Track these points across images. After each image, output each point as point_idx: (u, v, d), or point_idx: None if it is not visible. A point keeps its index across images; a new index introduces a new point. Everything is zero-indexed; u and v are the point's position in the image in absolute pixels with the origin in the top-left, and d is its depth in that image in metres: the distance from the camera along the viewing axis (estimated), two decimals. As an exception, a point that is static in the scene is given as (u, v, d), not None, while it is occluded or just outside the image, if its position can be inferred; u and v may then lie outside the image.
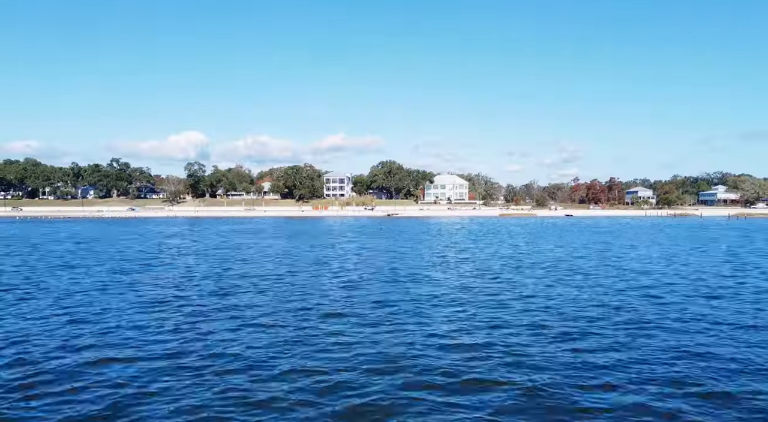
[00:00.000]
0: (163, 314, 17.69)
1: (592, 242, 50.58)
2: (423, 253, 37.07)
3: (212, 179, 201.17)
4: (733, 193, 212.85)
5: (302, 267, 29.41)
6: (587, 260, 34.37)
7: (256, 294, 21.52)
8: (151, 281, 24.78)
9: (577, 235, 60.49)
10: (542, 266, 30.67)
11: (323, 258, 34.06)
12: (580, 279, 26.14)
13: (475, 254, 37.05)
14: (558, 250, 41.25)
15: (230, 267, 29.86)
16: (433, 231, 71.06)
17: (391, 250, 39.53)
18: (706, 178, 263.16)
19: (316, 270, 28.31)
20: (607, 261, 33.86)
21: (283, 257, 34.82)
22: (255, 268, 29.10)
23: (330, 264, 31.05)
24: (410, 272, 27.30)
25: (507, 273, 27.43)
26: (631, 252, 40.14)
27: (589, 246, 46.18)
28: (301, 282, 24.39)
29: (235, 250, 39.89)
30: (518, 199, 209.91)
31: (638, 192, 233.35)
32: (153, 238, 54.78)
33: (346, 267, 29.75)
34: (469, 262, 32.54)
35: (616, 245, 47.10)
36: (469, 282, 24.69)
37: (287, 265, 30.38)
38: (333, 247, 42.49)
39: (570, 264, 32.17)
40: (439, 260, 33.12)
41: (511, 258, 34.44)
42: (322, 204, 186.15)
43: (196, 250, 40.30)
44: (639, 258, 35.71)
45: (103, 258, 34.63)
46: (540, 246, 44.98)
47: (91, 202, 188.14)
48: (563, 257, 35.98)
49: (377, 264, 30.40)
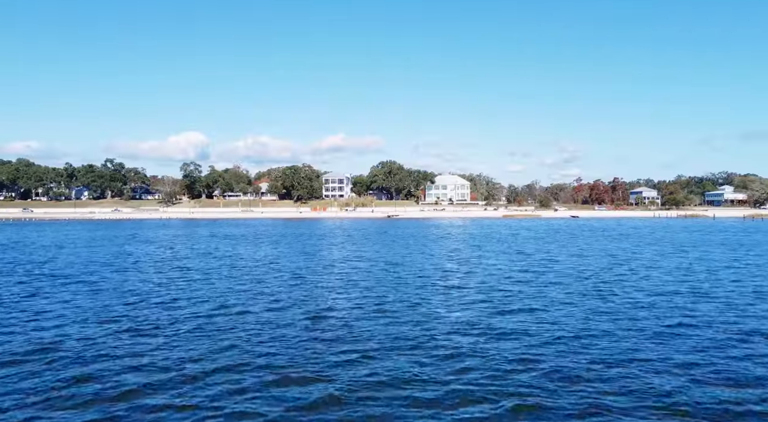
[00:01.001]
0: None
1: (618, 250, 42.36)
2: (420, 267, 30.59)
3: (209, 180, 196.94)
4: (741, 194, 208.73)
5: (269, 289, 22.87)
6: (648, 280, 24.97)
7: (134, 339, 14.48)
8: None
9: (595, 240, 56.04)
10: (589, 294, 21.29)
11: (299, 272, 28.40)
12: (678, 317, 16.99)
13: (485, 269, 29.95)
14: (590, 263, 32.52)
15: (168, 291, 22.39)
16: (433, 234, 66.72)
17: (383, 260, 34.69)
18: (711, 178, 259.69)
19: (283, 294, 21.59)
20: (674, 286, 23.58)
21: (253, 270, 29.21)
22: (198, 289, 22.64)
23: (304, 282, 24.88)
24: (400, 299, 20.20)
25: (549, 306, 18.74)
26: (682, 264, 31.91)
27: (621, 256, 37.15)
28: (249, 325, 16.20)
29: (202, 260, 34.61)
30: (521, 200, 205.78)
31: (642, 192, 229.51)
32: (120, 244, 49.54)
33: (322, 285, 24.17)
34: (477, 278, 26.56)
35: (647, 253, 40.28)
36: (486, 320, 16.50)
37: (251, 283, 24.41)
38: (316, 257, 37.07)
39: (631, 285, 23.48)
40: (439, 279, 25.95)
41: (534, 282, 24.81)
42: (321, 205, 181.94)
43: (152, 260, 34.83)
44: (703, 274, 27.34)
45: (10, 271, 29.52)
46: (560, 257, 37.56)
47: (85, 203, 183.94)
48: (606, 278, 26.18)
49: (361, 284, 24.14)
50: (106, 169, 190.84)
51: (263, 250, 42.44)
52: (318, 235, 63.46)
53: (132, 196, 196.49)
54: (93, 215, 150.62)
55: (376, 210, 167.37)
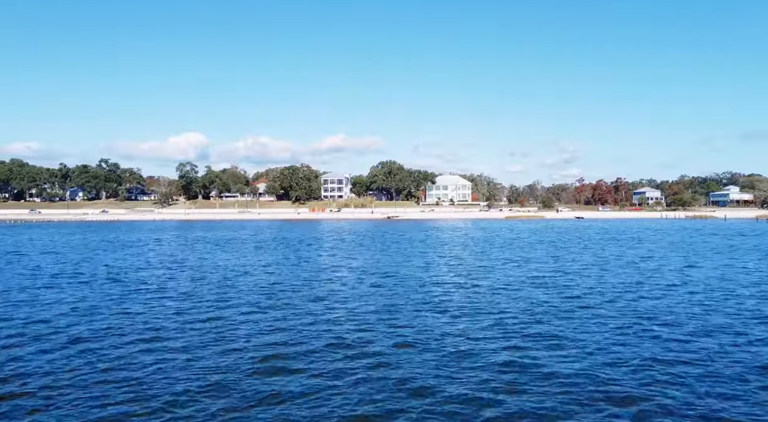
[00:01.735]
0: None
1: (640, 258, 36.70)
2: (417, 281, 26.27)
3: (205, 180, 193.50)
4: (747, 194, 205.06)
5: (221, 314, 18.06)
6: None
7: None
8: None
9: (609, 245, 52.50)
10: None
11: (270, 288, 23.74)
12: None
13: (493, 284, 25.53)
14: (617, 277, 27.67)
15: (87, 318, 17.55)
16: (433, 238, 63.25)
17: (375, 270, 30.92)
18: (715, 178, 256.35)
19: (237, 324, 16.76)
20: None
21: (216, 286, 24.51)
22: (127, 315, 18.11)
23: (271, 303, 20.18)
24: (388, 331, 15.96)
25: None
26: (733, 280, 26.22)
27: (647, 266, 31.89)
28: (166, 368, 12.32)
29: (165, 271, 30.32)
30: (523, 200, 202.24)
31: (646, 192, 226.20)
32: (91, 249, 45.33)
33: (293, 309, 19.16)
34: (485, 297, 22.17)
35: (674, 260, 35.17)
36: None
37: (202, 307, 19.35)
38: (299, 266, 32.52)
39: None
40: (439, 300, 20.86)
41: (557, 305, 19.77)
42: (319, 205, 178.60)
43: (107, 271, 30.45)
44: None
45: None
46: (576, 267, 32.71)
47: (79, 204, 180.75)
48: (643, 296, 21.41)
49: (342, 307, 19.50)
50: (100, 169, 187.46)
51: (242, 258, 38.65)
52: (310, 239, 59.96)
53: (127, 196, 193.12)
54: (86, 216, 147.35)
55: (376, 211, 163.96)
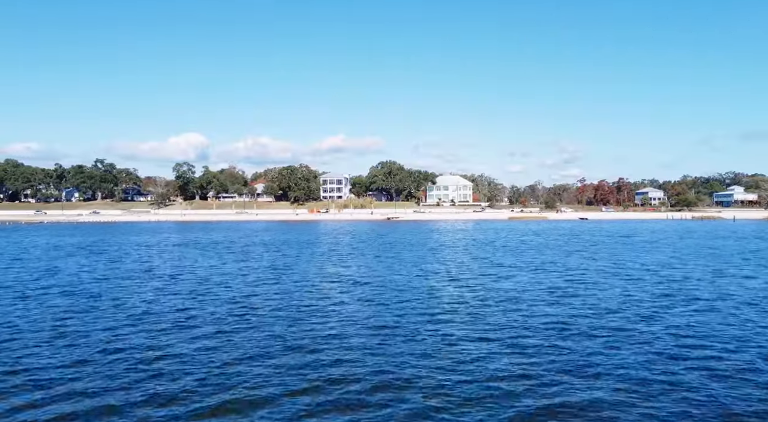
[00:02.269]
0: None
1: (661, 267, 32.16)
2: (414, 295, 22.80)
3: (202, 181, 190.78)
4: (752, 194, 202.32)
5: (173, 336, 15.39)
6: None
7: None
8: None
9: (622, 250, 49.76)
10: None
11: (239, 309, 19.74)
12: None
13: (501, 297, 22.16)
14: (642, 290, 23.76)
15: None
16: (433, 241, 60.51)
17: (367, 281, 27.63)
18: (718, 178, 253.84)
19: (189, 351, 13.76)
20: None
21: (182, 300, 21.26)
22: (63, 341, 14.89)
23: (237, 324, 17.27)
24: (376, 366, 12.76)
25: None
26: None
27: (673, 276, 27.73)
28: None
29: (132, 281, 26.94)
30: (525, 201, 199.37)
31: (648, 193, 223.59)
32: (63, 256, 41.72)
33: (260, 334, 17.75)
34: (493, 316, 18.22)
35: (699, 269, 30.65)
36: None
37: (155, 329, 16.39)
38: (281, 278, 28.23)
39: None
40: (441, 319, 17.69)
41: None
42: (318, 206, 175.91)
43: (65, 281, 27.06)
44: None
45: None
46: (593, 276, 28.93)
47: (74, 205, 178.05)
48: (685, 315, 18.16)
49: (321, 333, 15.91)
50: (96, 169, 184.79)
51: (223, 265, 35.43)
52: (303, 242, 57.13)
53: (124, 197, 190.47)
54: (79, 217, 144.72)
55: (376, 211, 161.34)
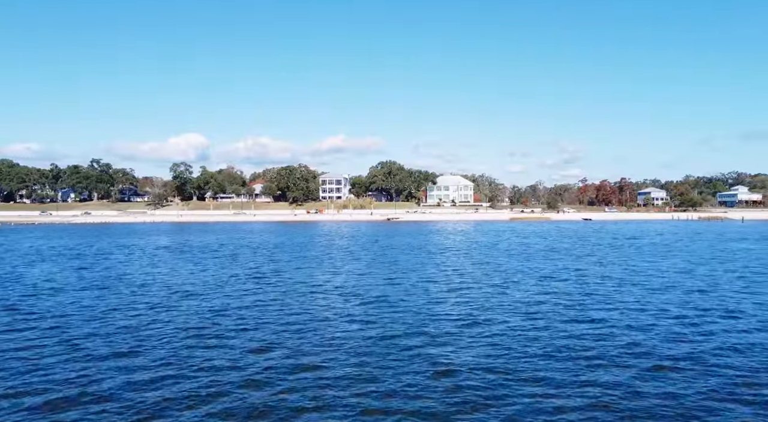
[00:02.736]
0: None
1: (689, 278, 28.93)
2: (409, 309, 20.48)
3: (200, 181, 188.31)
4: (756, 194, 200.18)
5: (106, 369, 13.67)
6: None
7: None
8: None
9: (634, 255, 47.41)
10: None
11: (207, 319, 18.29)
12: None
13: (509, 312, 19.70)
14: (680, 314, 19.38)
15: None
16: (433, 243, 58.15)
17: (357, 294, 25.31)
18: (721, 178, 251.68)
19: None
20: None
21: (146, 315, 19.26)
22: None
23: (207, 335, 15.93)
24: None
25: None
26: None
27: (709, 293, 24.24)
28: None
29: (98, 289, 24.45)
30: (526, 201, 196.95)
31: (651, 193, 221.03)
32: (27, 262, 38.58)
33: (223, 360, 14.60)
34: (501, 336, 16.01)
35: (726, 279, 28.55)
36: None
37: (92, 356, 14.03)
38: (259, 291, 25.00)
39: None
40: (439, 341, 15.73)
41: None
42: (317, 207, 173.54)
43: (18, 292, 24.50)
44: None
45: None
46: (613, 287, 25.72)
47: (70, 205, 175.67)
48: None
49: (272, 377, 12.72)
50: (92, 169, 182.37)
51: (203, 272, 32.86)
52: (297, 246, 54.68)
53: (120, 198, 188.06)
54: (74, 219, 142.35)
55: (375, 212, 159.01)
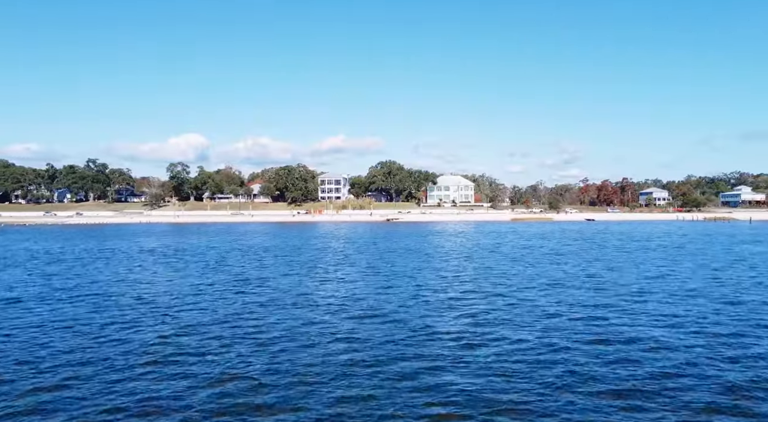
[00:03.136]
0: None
1: (713, 282, 27.20)
2: (404, 326, 18.03)
3: (197, 181, 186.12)
4: (760, 194, 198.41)
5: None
6: None
7: None
8: None
9: (647, 258, 45.34)
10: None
11: (168, 341, 16.06)
12: None
13: (519, 327, 17.67)
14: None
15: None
16: (433, 246, 56.01)
17: (344, 310, 23.49)
18: (723, 178, 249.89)
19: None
20: None
21: (98, 335, 16.89)
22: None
23: (162, 360, 14.00)
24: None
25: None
26: None
27: (745, 298, 22.68)
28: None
29: (56, 300, 22.43)
30: (528, 201, 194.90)
31: (653, 193, 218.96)
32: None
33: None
34: (508, 362, 13.95)
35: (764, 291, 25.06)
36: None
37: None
38: (245, 294, 23.99)
39: None
40: (436, 365, 13.76)
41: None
42: (316, 207, 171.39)
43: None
44: None
45: None
46: (634, 299, 23.06)
47: (65, 206, 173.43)
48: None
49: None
50: (88, 169, 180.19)
51: (181, 279, 30.18)
52: (290, 248, 52.35)
53: (117, 198, 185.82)
54: (69, 219, 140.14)
55: (375, 212, 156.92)
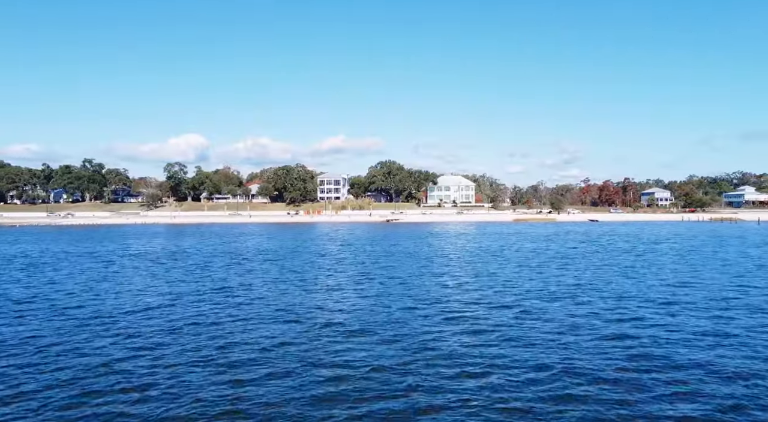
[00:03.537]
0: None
1: (752, 291, 25.07)
2: (399, 342, 15.90)
3: (195, 181, 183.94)
4: (763, 194, 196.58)
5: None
6: None
7: None
8: None
9: (671, 264, 43.20)
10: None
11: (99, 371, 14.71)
12: None
13: (527, 348, 15.41)
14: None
15: None
16: (432, 249, 53.87)
17: (331, 323, 21.82)
18: (726, 178, 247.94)
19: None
20: None
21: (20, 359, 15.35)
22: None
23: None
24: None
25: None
26: None
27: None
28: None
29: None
30: (530, 201, 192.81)
31: (655, 193, 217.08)
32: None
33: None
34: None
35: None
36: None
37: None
38: (220, 309, 21.96)
39: None
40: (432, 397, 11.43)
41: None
42: (315, 208, 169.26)
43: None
44: None
45: None
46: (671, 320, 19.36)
47: (61, 206, 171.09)
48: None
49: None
50: (84, 169, 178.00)
51: (156, 289, 27.47)
52: (282, 252, 50.07)
53: (113, 198, 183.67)
54: (65, 220, 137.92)
55: (375, 213, 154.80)
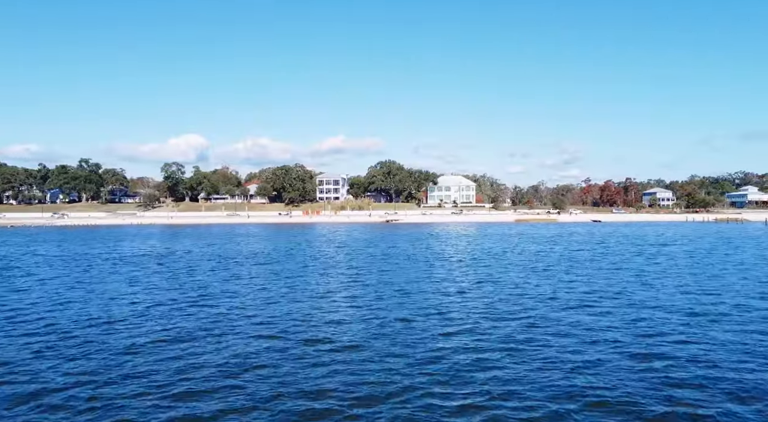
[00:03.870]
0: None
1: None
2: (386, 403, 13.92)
3: (192, 181, 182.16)
4: (767, 194, 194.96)
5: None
6: None
7: None
8: None
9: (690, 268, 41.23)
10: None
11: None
12: None
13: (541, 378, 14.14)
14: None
15: None
16: (432, 251, 52.04)
17: (316, 339, 19.94)
18: (728, 178, 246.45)
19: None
20: None
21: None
22: None
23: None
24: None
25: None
26: None
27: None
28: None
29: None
30: (531, 202, 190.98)
31: (657, 193, 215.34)
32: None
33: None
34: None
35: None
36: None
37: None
38: (198, 321, 20.36)
39: None
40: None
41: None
42: (314, 208, 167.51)
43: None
44: None
45: None
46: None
47: (58, 207, 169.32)
48: None
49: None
50: (81, 169, 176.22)
51: (132, 296, 25.02)
52: (276, 255, 48.12)
53: (110, 198, 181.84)
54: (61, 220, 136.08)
55: (374, 213, 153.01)
